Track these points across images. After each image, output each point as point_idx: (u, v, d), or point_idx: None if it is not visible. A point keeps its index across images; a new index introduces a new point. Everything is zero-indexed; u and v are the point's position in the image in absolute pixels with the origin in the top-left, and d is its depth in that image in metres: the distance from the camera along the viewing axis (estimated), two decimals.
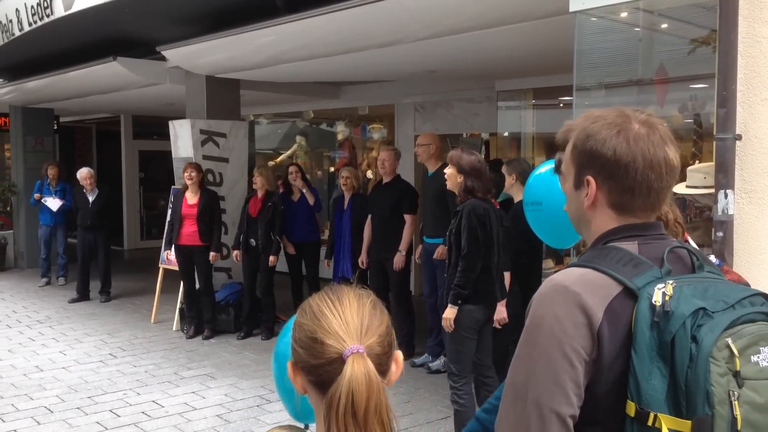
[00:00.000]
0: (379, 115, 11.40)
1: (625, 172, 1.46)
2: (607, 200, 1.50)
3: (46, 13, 7.72)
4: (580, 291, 1.39)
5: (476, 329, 4.65)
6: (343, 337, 1.24)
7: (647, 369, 1.32)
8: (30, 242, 12.41)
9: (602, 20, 4.22)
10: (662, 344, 1.31)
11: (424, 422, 5.47)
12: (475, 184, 4.57)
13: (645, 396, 1.31)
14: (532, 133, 9.01)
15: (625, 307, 1.37)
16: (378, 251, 7.17)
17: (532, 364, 1.40)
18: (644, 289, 1.37)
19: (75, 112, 14.28)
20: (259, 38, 6.84)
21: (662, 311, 1.32)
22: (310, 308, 1.30)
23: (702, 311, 1.32)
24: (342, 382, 1.19)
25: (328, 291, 1.33)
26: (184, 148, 8.58)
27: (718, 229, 3.22)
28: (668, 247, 1.46)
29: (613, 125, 1.47)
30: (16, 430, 5.36)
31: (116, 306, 9.68)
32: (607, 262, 1.43)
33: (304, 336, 1.27)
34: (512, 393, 1.43)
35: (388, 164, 7.07)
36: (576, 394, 1.37)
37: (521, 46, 6.19)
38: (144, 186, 15.08)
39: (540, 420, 1.37)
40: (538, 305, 1.44)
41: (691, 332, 1.30)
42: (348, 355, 1.22)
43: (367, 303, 1.31)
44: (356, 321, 1.27)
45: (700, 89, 4.37)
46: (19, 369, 6.87)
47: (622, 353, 1.36)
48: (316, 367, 1.25)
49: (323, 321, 1.26)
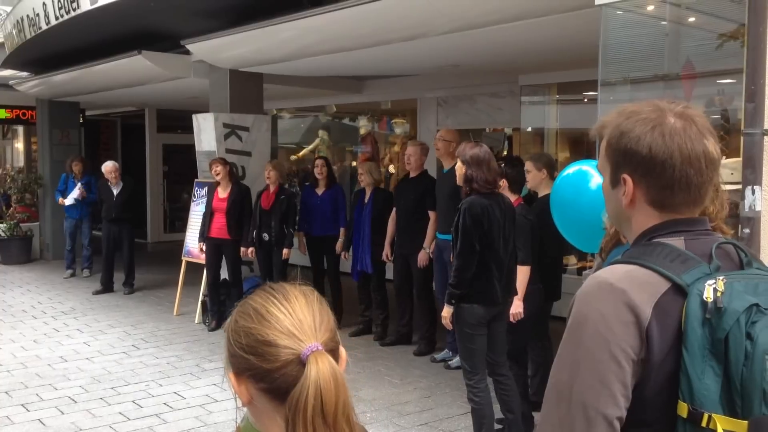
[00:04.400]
0: (401, 109, 11.37)
1: (662, 169, 1.41)
2: (646, 198, 1.46)
3: (72, 7, 7.78)
4: (626, 288, 1.35)
5: (483, 325, 4.57)
6: (299, 337, 1.17)
7: (699, 368, 1.27)
8: (55, 234, 12.55)
9: (628, 14, 4.17)
10: (715, 342, 1.27)
11: (444, 417, 5.46)
12: (475, 174, 4.49)
13: (698, 396, 1.27)
14: (555, 129, 8.94)
15: (674, 305, 1.33)
16: (401, 246, 7.17)
17: (577, 364, 1.36)
18: (694, 285, 1.32)
19: (100, 106, 14.40)
20: (283, 32, 6.84)
21: (714, 308, 1.28)
22: (254, 310, 1.21)
23: (755, 307, 1.27)
24: (307, 383, 1.12)
25: (269, 290, 1.25)
26: (208, 142, 8.62)
27: (745, 225, 3.18)
28: (716, 243, 1.42)
29: (648, 121, 1.43)
30: (40, 419, 5.42)
31: (139, 298, 9.76)
32: (654, 258, 1.38)
33: (252, 341, 1.18)
34: (555, 394, 1.39)
35: (414, 159, 7.05)
36: (623, 395, 1.32)
37: (546, 40, 6.14)
38: (168, 179, 15.16)
39: (586, 422, 1.32)
40: (581, 303, 1.40)
41: (746, 329, 1.25)
42: (307, 354, 1.15)
43: (314, 299, 1.25)
44: (309, 318, 1.20)
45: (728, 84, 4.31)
46: (43, 359, 6.95)
47: (673, 352, 1.31)
48: (269, 372, 1.16)
49: (273, 321, 1.18)
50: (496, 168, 4.69)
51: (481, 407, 4.58)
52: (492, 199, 4.54)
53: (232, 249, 8.01)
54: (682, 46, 4.30)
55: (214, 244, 8.07)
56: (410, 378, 6.39)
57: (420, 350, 7.10)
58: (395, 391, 6.06)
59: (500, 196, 4.66)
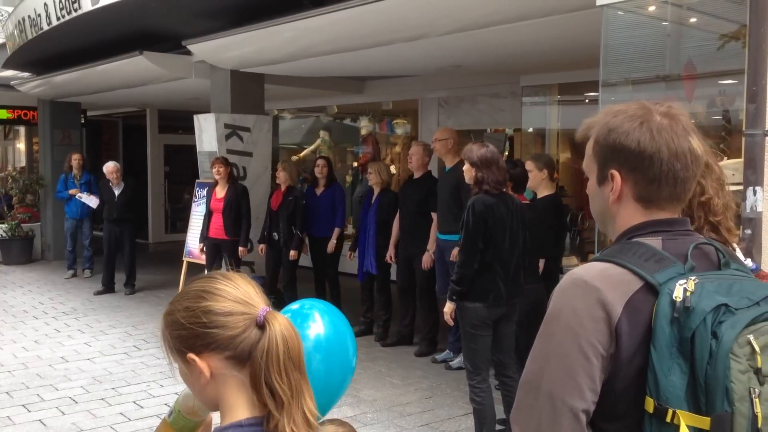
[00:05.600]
0: (402, 110, 11.37)
1: (650, 163, 1.45)
2: (633, 193, 1.49)
3: (74, 8, 7.78)
4: (600, 286, 1.38)
5: (487, 326, 4.55)
6: (251, 303, 1.34)
7: (666, 365, 1.30)
8: (56, 235, 12.55)
9: (629, 14, 4.17)
10: (682, 340, 1.30)
11: (445, 418, 5.45)
12: (484, 175, 4.51)
13: (664, 392, 1.30)
14: (556, 129, 8.93)
15: (645, 303, 1.36)
16: (406, 248, 7.16)
17: (547, 356, 1.40)
18: (666, 284, 1.35)
19: (102, 106, 14.40)
20: (285, 32, 6.84)
21: (682, 307, 1.31)
22: (203, 291, 1.36)
23: (724, 307, 1.30)
24: (274, 335, 1.29)
25: (206, 276, 1.41)
26: (209, 142, 8.62)
27: (746, 226, 3.17)
28: (693, 243, 1.44)
29: (635, 117, 1.47)
30: (41, 419, 5.42)
31: (140, 298, 9.76)
32: (630, 257, 1.41)
33: (212, 316, 1.32)
34: (527, 384, 1.43)
35: (416, 159, 7.04)
36: (590, 388, 1.36)
37: (547, 40, 6.14)
38: (169, 180, 15.18)
39: (552, 412, 1.36)
40: (556, 298, 1.44)
41: (712, 328, 1.28)
42: (263, 315, 1.32)
43: (243, 274, 1.42)
44: (251, 289, 1.38)
45: (729, 85, 4.30)
46: (44, 360, 6.95)
47: (642, 349, 1.34)
48: (232, 339, 1.31)
49: (225, 295, 1.34)
50: (504, 167, 4.72)
51: (483, 408, 4.57)
52: (499, 198, 4.54)
53: (230, 249, 8.00)
54: (683, 47, 4.29)
55: (213, 245, 8.09)
56: (411, 379, 6.39)
57: (421, 351, 7.09)
58: (396, 391, 6.05)
59: (508, 196, 4.67)
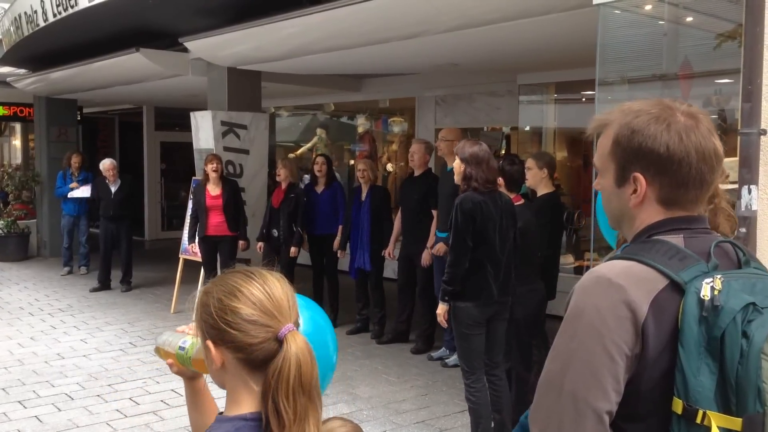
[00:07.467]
0: (399, 108, 11.37)
1: (679, 167, 1.41)
2: (657, 196, 1.45)
3: (70, 4, 7.77)
4: (623, 284, 1.35)
5: (480, 325, 4.54)
6: (278, 318, 1.35)
7: (695, 365, 1.28)
8: (52, 231, 12.53)
9: (626, 13, 4.18)
10: (711, 340, 1.28)
11: (441, 415, 5.46)
12: (473, 172, 4.47)
13: (693, 393, 1.28)
14: (553, 128, 8.94)
15: (671, 302, 1.34)
16: (406, 246, 7.16)
17: (570, 356, 1.37)
18: (691, 283, 1.33)
19: (98, 103, 14.38)
20: (282, 29, 6.84)
21: (711, 306, 1.28)
22: (238, 291, 1.37)
23: (752, 306, 1.28)
24: (288, 357, 1.31)
25: (249, 273, 1.42)
26: (205, 140, 8.62)
27: (741, 225, 3.18)
28: (714, 242, 1.42)
29: (661, 119, 1.42)
30: (37, 416, 5.42)
31: (137, 296, 9.76)
32: (653, 255, 1.38)
33: (237, 319, 1.34)
34: (547, 383, 1.40)
35: (417, 157, 7.04)
36: (614, 389, 1.33)
37: (544, 39, 6.14)
38: (165, 177, 15.16)
39: (575, 413, 1.33)
40: (578, 297, 1.40)
41: (742, 327, 1.26)
42: (285, 333, 1.34)
43: (285, 282, 1.43)
44: (284, 300, 1.38)
45: (725, 84, 4.31)
46: (40, 356, 6.95)
47: (668, 349, 1.32)
48: (249, 346, 1.34)
49: (256, 302, 1.36)
50: (495, 167, 4.68)
51: (478, 407, 4.58)
52: (487, 196, 4.50)
53: (229, 245, 8.00)
54: (679, 46, 4.30)
55: (211, 242, 8.07)
56: (407, 376, 6.40)
57: (417, 348, 7.10)
58: (392, 389, 6.06)
59: (498, 194, 4.61)
